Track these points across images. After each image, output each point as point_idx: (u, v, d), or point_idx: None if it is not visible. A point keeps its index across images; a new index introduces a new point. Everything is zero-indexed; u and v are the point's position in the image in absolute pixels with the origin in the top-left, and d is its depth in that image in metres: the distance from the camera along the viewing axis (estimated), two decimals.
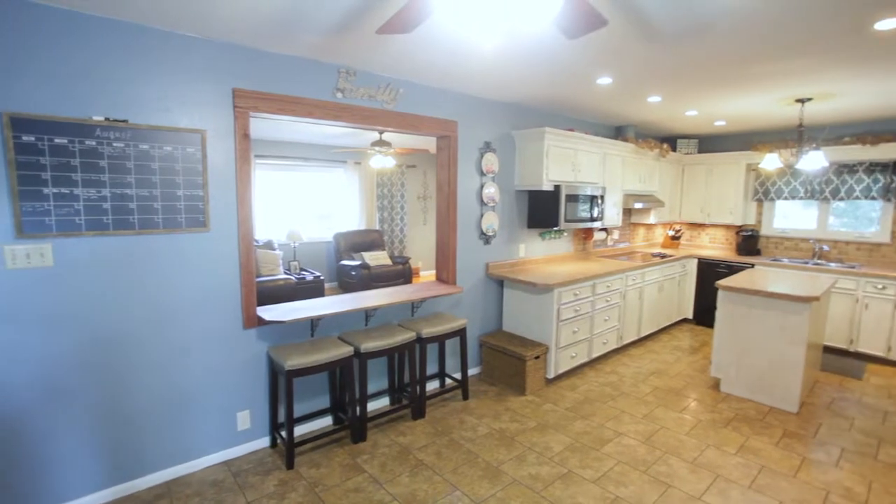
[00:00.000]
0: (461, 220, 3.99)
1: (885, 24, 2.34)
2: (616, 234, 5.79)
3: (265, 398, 3.01)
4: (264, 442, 3.04)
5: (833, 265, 5.07)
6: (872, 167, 5.00)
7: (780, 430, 3.36)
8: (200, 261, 2.66)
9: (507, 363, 3.97)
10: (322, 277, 6.44)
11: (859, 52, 2.74)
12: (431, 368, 3.99)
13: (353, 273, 7.10)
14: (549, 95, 3.97)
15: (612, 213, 4.95)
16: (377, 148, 5.74)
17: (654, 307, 5.23)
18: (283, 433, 2.96)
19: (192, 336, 2.68)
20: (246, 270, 2.83)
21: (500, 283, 4.36)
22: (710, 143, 6.29)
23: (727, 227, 6.22)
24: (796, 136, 5.12)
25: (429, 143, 6.27)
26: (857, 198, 5.12)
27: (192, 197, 2.57)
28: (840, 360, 4.74)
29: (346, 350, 3.01)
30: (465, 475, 2.78)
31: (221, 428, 2.85)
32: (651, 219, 5.82)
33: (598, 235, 5.32)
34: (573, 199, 4.29)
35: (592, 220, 4.56)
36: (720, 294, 3.94)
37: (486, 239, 4.19)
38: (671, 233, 6.47)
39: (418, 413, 3.46)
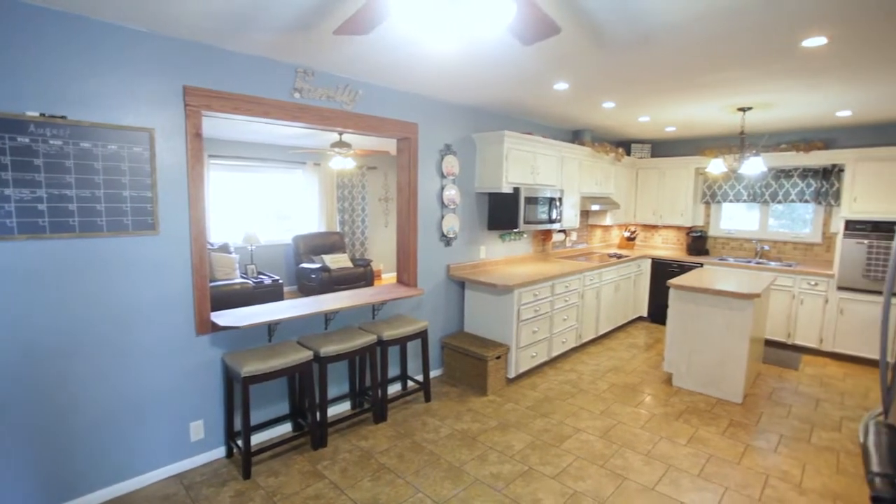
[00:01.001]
0: (422, 222, 3.99)
1: (810, 42, 2.52)
2: (574, 236, 5.95)
3: (220, 407, 2.91)
4: (220, 452, 2.93)
5: (773, 264, 5.40)
6: (806, 172, 5.37)
7: (726, 420, 3.54)
8: (149, 265, 2.54)
9: (469, 364, 4.00)
10: (281, 281, 6.29)
11: (790, 66, 2.94)
12: (393, 371, 3.97)
13: (313, 276, 6.97)
14: (509, 99, 4.04)
15: (570, 215, 5.08)
16: (337, 149, 5.67)
17: (611, 306, 5.40)
18: (240, 442, 2.87)
19: (141, 344, 2.55)
20: (199, 274, 2.72)
21: (462, 284, 4.39)
22: (662, 147, 6.57)
23: (678, 228, 6.51)
24: (739, 142, 5.43)
25: (389, 144, 6.24)
26: (793, 201, 5.48)
27: (140, 198, 2.45)
28: (779, 352, 5.05)
29: (306, 355, 2.95)
30: (427, 477, 2.78)
31: (173, 439, 2.73)
32: (607, 220, 6.02)
33: (557, 237, 5.46)
34: (532, 201, 4.38)
35: (551, 221, 4.67)
36: (671, 293, 4.12)
37: (446, 241, 4.21)
38: (626, 234, 6.71)
39: (380, 416, 3.44)
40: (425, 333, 3.70)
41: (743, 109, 4.24)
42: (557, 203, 4.73)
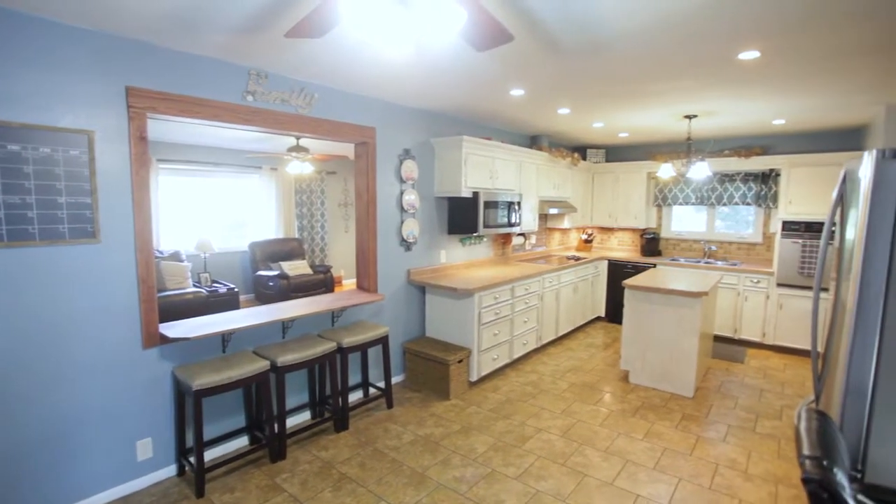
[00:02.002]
0: (381, 228, 3.96)
1: (745, 55, 2.68)
2: (533, 239, 6.06)
3: (170, 423, 2.77)
4: (170, 471, 2.79)
5: (720, 263, 5.69)
6: (747, 177, 5.69)
7: (679, 414, 3.69)
8: (89, 276, 2.40)
9: (431, 369, 3.99)
10: (237, 289, 6.09)
11: (730, 77, 3.12)
12: (354, 378, 3.90)
13: (271, 284, 6.78)
14: (467, 104, 4.08)
15: (528, 219, 5.18)
16: (294, 154, 5.55)
17: (569, 307, 5.53)
18: (193, 459, 2.74)
19: (82, 360, 2.40)
20: (145, 284, 2.60)
21: (423, 289, 4.38)
22: (616, 152, 6.80)
23: (633, 230, 6.75)
24: (686, 148, 5.69)
25: (348, 149, 6.17)
26: (737, 204, 5.79)
27: (78, 205, 2.31)
28: (727, 347, 5.31)
29: (262, 364, 2.86)
30: (390, 485, 2.75)
31: (118, 460, 2.58)
32: (565, 223, 6.17)
33: (517, 240, 5.54)
34: (491, 205, 4.43)
35: (510, 225, 4.74)
36: (627, 293, 4.26)
37: (406, 246, 4.20)
38: (584, 236, 6.90)
39: (341, 425, 3.37)
40: (386, 339, 3.67)
41: (689, 117, 4.45)
42: (516, 207, 4.80)
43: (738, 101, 3.83)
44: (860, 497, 1.37)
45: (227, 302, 5.96)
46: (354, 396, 3.89)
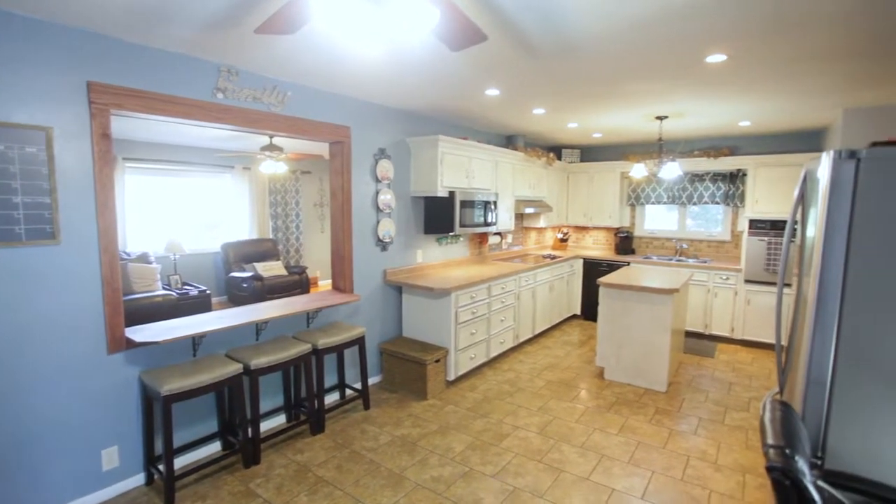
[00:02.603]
0: (357, 228, 3.93)
1: (713, 59, 2.76)
2: (510, 238, 6.10)
3: (137, 430, 2.69)
4: (138, 479, 2.70)
5: (691, 261, 5.83)
6: (716, 177, 5.86)
7: (652, 408, 3.76)
8: (49, 278, 2.30)
9: (408, 369, 3.97)
10: (208, 291, 5.94)
11: (697, 80, 3.20)
12: (331, 380, 3.86)
13: (245, 285, 6.65)
14: (442, 104, 4.08)
15: (504, 218, 5.21)
16: (267, 153, 5.46)
17: (546, 306, 5.59)
18: (162, 467, 2.66)
19: (41, 367, 2.30)
20: (110, 287, 2.51)
21: (399, 289, 4.36)
22: (590, 153, 6.90)
23: (607, 229, 6.87)
24: (658, 148, 5.83)
25: (323, 148, 6.10)
26: (706, 203, 5.96)
27: (36, 205, 2.21)
28: (698, 342, 5.45)
29: (234, 368, 2.80)
30: (367, 486, 2.73)
31: (82, 470, 2.48)
32: (541, 223, 6.23)
33: (493, 240, 5.57)
34: (468, 204, 4.44)
35: (487, 224, 4.76)
36: (601, 291, 4.33)
37: (382, 246, 4.17)
38: (559, 235, 6.98)
39: (317, 428, 3.33)
40: (362, 340, 3.63)
41: (660, 118, 4.55)
42: (492, 206, 4.83)
43: (707, 103, 3.93)
44: (820, 483, 1.43)
45: (199, 304, 5.81)
46: (331, 398, 3.84)
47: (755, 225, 5.17)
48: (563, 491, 2.70)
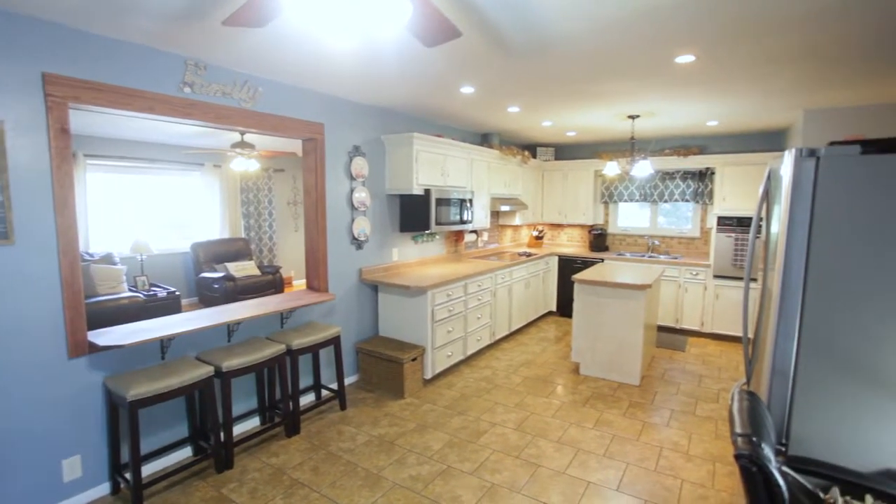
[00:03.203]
0: (331, 226, 3.87)
1: (682, 59, 2.82)
2: (486, 236, 6.12)
3: (102, 437, 2.58)
4: (103, 489, 2.60)
5: (662, 257, 5.97)
6: (686, 175, 6.01)
7: (626, 402, 3.84)
8: (2, 280, 2.19)
9: (385, 368, 3.94)
10: (178, 293, 5.77)
11: (668, 80, 3.27)
12: (306, 381, 3.80)
13: (216, 286, 6.48)
14: (417, 101, 4.06)
15: (480, 216, 5.22)
16: (238, 150, 5.33)
17: (522, 303, 5.63)
18: (129, 475, 2.56)
19: None
20: (71, 289, 2.40)
21: (375, 287, 4.32)
22: (564, 151, 6.99)
23: (581, 226, 6.97)
24: (630, 147, 5.94)
25: (296, 145, 5.99)
26: (677, 200, 6.10)
27: None
28: (670, 336, 5.59)
29: (205, 371, 2.72)
30: (344, 487, 2.69)
31: (40, 482, 2.37)
32: (517, 220, 6.28)
33: (469, 237, 5.58)
34: (443, 202, 4.44)
35: (462, 222, 4.77)
36: (576, 287, 4.39)
37: (358, 244, 4.13)
38: (535, 233, 7.05)
39: (292, 430, 3.27)
40: (338, 339, 3.59)
41: (632, 117, 4.64)
42: (468, 204, 4.83)
43: (677, 103, 4.02)
44: (784, 468, 1.48)
45: (168, 306, 5.64)
46: (306, 399, 3.78)
47: (723, 221, 5.33)
48: (541, 485, 2.72)
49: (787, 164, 1.75)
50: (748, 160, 5.30)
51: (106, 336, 2.53)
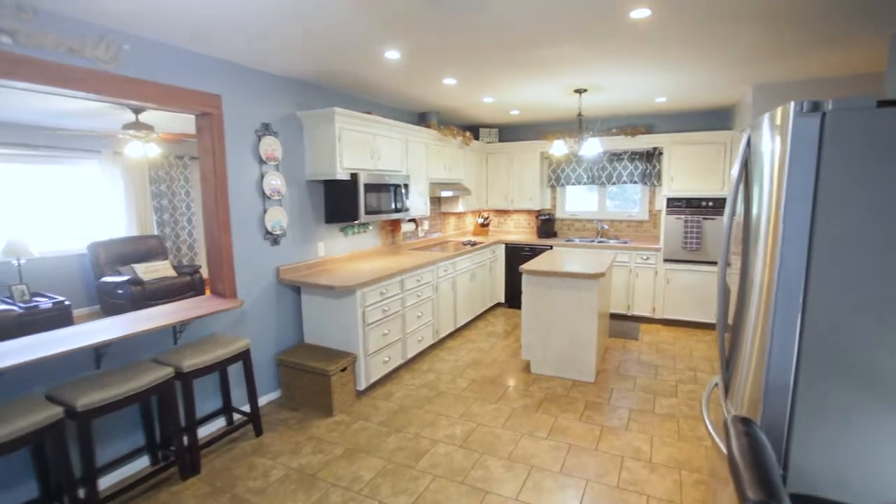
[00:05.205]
0: (237, 218, 3.25)
1: (637, 14, 2.43)
2: (426, 225, 5.63)
3: None
4: None
5: (612, 242, 5.73)
6: (633, 156, 5.77)
7: (582, 402, 3.50)
8: None
9: (310, 382, 3.39)
10: (68, 302, 4.91)
11: (619, 42, 2.87)
12: (213, 405, 3.19)
13: (120, 291, 5.62)
14: (338, 71, 3.47)
15: (418, 203, 4.72)
16: (132, 132, 4.51)
17: (467, 296, 5.20)
18: None
19: None
20: None
21: (297, 289, 3.73)
22: (509, 132, 6.59)
23: (529, 212, 6.62)
24: (577, 125, 5.61)
25: None
26: (625, 182, 5.86)
27: None
28: (622, 323, 5.36)
29: (51, 413, 2.07)
30: None
31: None
32: (460, 207, 5.82)
33: (407, 227, 5.06)
34: (374, 188, 3.89)
35: (398, 210, 4.24)
36: (524, 278, 4.00)
37: (273, 239, 3.51)
38: (480, 220, 6.63)
39: (189, 469, 2.67)
40: (247, 354, 3.00)
41: (579, 91, 4.27)
42: (403, 190, 4.31)
43: (626, 73, 3.67)
44: None
45: (55, 318, 4.78)
46: (214, 426, 3.17)
47: (672, 203, 5.12)
48: None
49: (779, 124, 1.37)
50: (696, 139, 5.10)
51: None
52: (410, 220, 5.14)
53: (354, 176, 3.72)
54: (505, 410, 3.41)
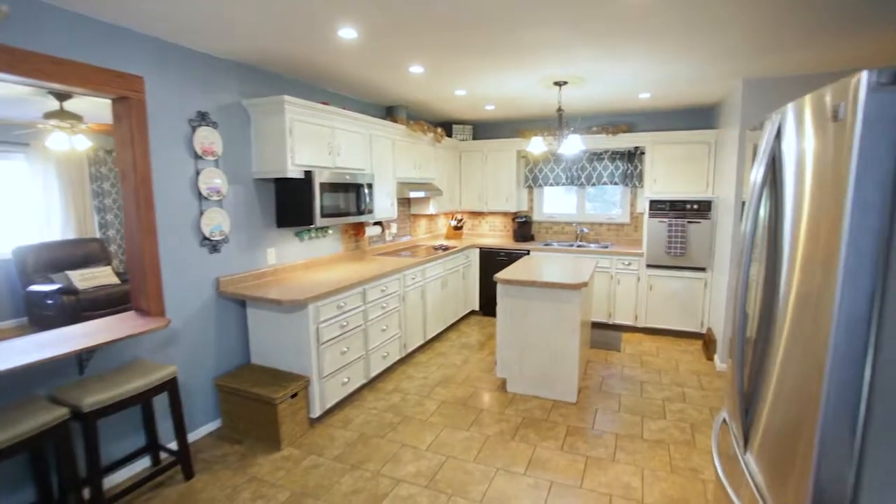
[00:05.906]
0: (166, 222, 2.77)
1: None
2: (394, 228, 5.20)
3: None
4: None
5: (592, 246, 5.42)
6: (614, 155, 5.48)
7: (563, 427, 3.14)
8: None
9: (255, 410, 2.94)
10: None
11: (606, 23, 2.52)
12: (136, 442, 2.70)
13: (49, 301, 5.01)
14: (288, 53, 3.03)
15: (384, 205, 4.29)
16: (55, 122, 3.95)
17: (438, 305, 4.81)
18: None
19: None
20: None
21: (242, 302, 3.27)
22: (484, 129, 6.23)
23: (504, 214, 6.27)
24: (557, 120, 5.29)
25: None
26: (605, 183, 5.57)
27: None
28: (603, 333, 5.05)
29: None
30: None
31: None
32: (431, 209, 5.41)
33: (373, 231, 4.63)
34: (332, 188, 3.46)
35: (360, 213, 3.81)
36: (499, 288, 3.62)
37: (212, 246, 3.04)
38: (453, 223, 6.24)
39: None
40: (173, 383, 2.53)
41: (559, 83, 3.93)
42: (367, 190, 3.88)
43: (610, 63, 3.34)
44: None
45: None
46: (136, 468, 2.68)
47: (655, 206, 4.83)
48: None
49: (831, 110, 1.02)
50: (679, 138, 4.83)
51: None
52: (376, 224, 4.71)
53: (309, 174, 3.28)
54: (478, 439, 3.02)
